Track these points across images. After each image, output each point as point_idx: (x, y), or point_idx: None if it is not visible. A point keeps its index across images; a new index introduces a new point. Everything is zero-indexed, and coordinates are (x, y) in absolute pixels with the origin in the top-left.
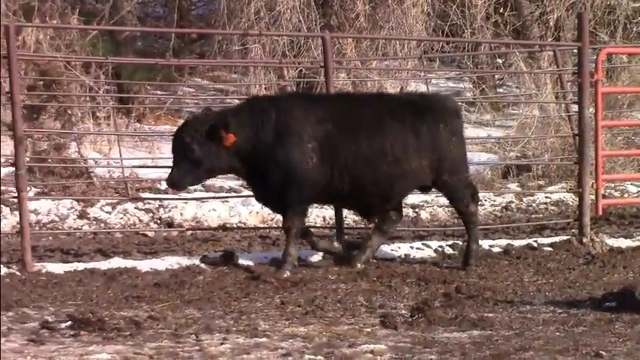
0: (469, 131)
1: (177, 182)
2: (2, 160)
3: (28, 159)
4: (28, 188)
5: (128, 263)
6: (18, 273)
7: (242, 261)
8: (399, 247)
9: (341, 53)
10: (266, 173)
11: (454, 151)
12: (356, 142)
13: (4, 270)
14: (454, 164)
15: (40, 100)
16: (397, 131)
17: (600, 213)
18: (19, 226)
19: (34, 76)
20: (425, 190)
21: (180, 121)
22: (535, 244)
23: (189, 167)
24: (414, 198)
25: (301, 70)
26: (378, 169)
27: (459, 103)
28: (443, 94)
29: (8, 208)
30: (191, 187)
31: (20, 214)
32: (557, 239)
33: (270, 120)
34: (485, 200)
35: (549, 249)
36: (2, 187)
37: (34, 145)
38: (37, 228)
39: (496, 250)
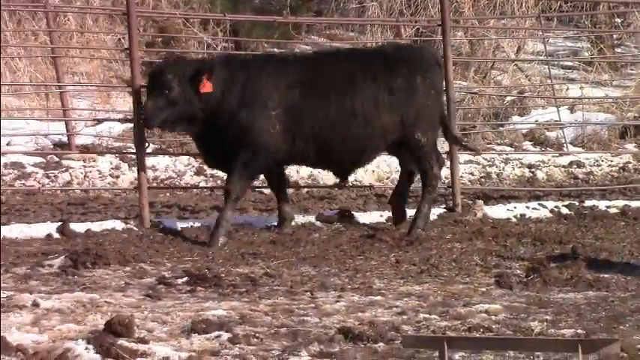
0: (587, 90)
1: (150, 117)
2: (120, 115)
3: None
4: (146, 144)
5: (245, 219)
6: (135, 229)
7: (357, 219)
8: (514, 207)
9: (458, 12)
10: (225, 136)
11: (431, 106)
12: (325, 107)
13: (122, 225)
14: (429, 121)
15: (159, 57)
16: (369, 89)
17: None
18: (136, 182)
19: (153, 32)
20: (392, 150)
21: None
22: None
23: (164, 106)
24: (530, 157)
25: (418, 29)
26: (348, 132)
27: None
28: (420, 44)
29: (126, 164)
30: None
31: (138, 171)
32: None
33: (237, 83)
34: (603, 161)
35: None
36: (120, 144)
37: None
38: (155, 184)
39: (613, 210)
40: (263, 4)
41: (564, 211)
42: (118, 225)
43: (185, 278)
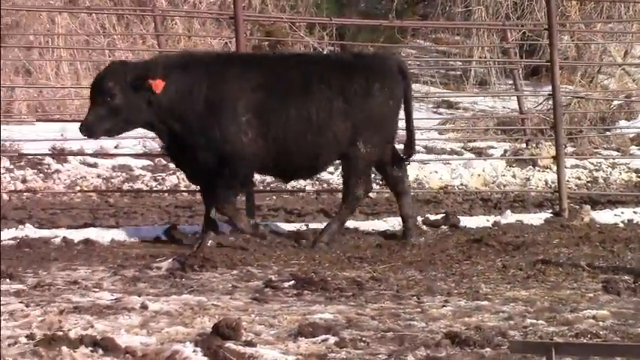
0: None
1: (90, 129)
2: None
3: None
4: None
5: (350, 223)
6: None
7: (463, 223)
8: (622, 212)
9: (565, 15)
10: (192, 145)
11: (386, 115)
12: (285, 110)
13: (229, 228)
14: (374, 131)
15: None
16: (322, 96)
17: None
18: None
19: (260, 36)
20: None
21: None
22: None
23: (107, 115)
24: (638, 162)
25: (524, 33)
26: (304, 139)
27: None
28: (386, 53)
29: None
30: None
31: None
32: None
33: (200, 88)
34: None
35: None
36: None
37: None
38: (262, 187)
39: None
40: (369, 7)
41: None
42: (225, 228)
43: (292, 281)
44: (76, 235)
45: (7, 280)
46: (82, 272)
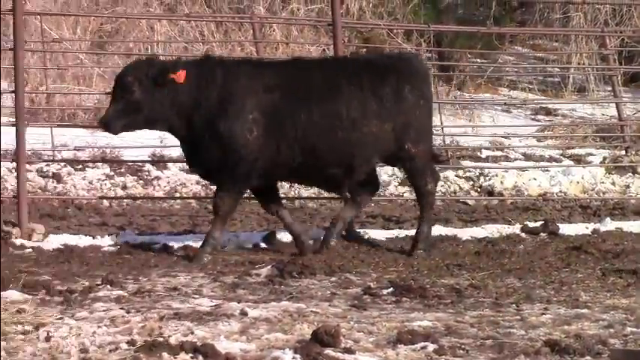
0: None
1: (109, 123)
2: None
3: None
4: None
5: (449, 231)
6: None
7: (562, 231)
8: None
9: None
10: (203, 142)
11: (420, 117)
12: (307, 109)
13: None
14: (419, 132)
15: None
16: (353, 94)
17: None
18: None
19: (357, 43)
20: (391, 162)
21: (501, 90)
22: None
23: (126, 110)
24: None
25: (623, 39)
26: (333, 135)
27: None
28: (410, 53)
29: None
30: (511, 156)
31: None
32: None
33: (215, 84)
34: None
35: None
36: None
37: None
38: None
39: None
40: (466, 14)
41: None
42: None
43: (390, 289)
44: (176, 241)
45: (108, 286)
46: (182, 279)
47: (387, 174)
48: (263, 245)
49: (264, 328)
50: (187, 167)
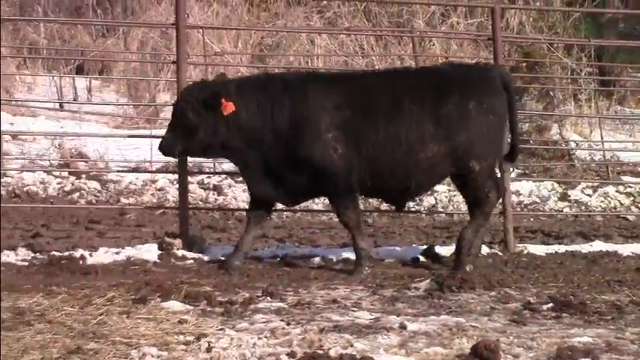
0: None
1: (164, 148)
2: None
3: None
4: (510, 169)
5: (609, 247)
6: (500, 253)
7: None
8: None
9: None
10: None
11: (488, 133)
12: (373, 129)
13: (487, 250)
14: (484, 149)
15: (523, 82)
16: (413, 114)
17: None
18: (501, 207)
19: (517, 57)
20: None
21: None
22: None
23: (183, 135)
24: None
25: None
26: (392, 158)
27: None
28: (490, 64)
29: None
30: None
31: (502, 196)
32: None
33: (284, 105)
34: None
35: None
36: None
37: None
38: (519, 209)
39: None
40: (628, 29)
41: None
42: (483, 250)
43: (550, 304)
44: (335, 253)
45: (268, 297)
46: (341, 291)
47: (547, 189)
48: (422, 259)
49: (423, 342)
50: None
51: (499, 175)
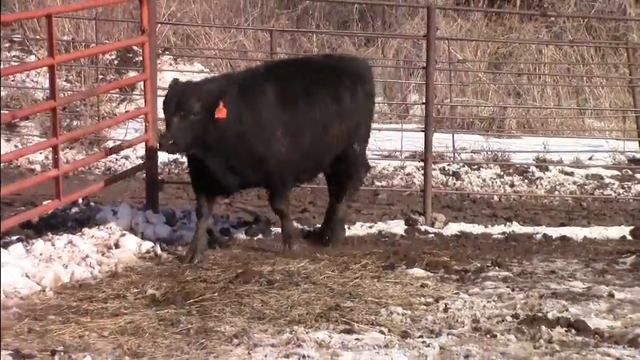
0: None
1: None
2: None
3: None
4: None
5: None
6: None
7: None
8: None
9: None
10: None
11: (369, 116)
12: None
13: None
14: (367, 131)
15: None
16: (322, 97)
17: None
18: None
19: None
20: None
21: None
22: None
23: (186, 130)
24: None
25: None
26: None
27: None
28: (353, 55)
29: None
30: None
31: None
32: None
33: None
34: None
35: None
36: None
37: None
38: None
39: None
40: None
41: None
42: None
43: None
44: (554, 232)
45: (496, 267)
46: (559, 263)
47: None
48: (629, 238)
49: (628, 308)
50: None
51: None
